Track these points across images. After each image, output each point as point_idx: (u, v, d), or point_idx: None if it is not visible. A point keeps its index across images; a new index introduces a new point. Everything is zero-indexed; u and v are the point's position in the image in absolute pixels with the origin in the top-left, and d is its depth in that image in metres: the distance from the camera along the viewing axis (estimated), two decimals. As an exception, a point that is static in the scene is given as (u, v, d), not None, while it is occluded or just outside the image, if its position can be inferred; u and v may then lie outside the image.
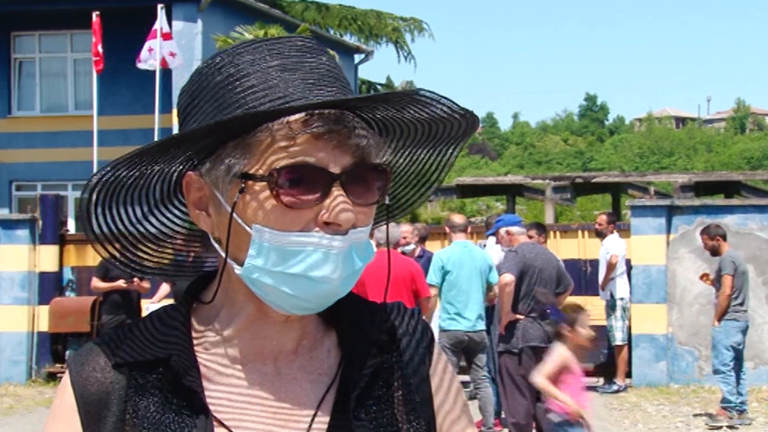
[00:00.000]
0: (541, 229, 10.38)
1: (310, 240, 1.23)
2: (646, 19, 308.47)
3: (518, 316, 8.94)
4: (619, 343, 12.96)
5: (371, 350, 1.35)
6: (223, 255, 1.29)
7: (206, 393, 1.30)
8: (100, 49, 18.04)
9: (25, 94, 23.30)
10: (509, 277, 8.85)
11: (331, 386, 1.33)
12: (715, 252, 10.80)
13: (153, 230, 1.41)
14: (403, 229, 10.67)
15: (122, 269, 1.42)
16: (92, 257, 13.99)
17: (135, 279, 12.15)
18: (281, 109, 1.23)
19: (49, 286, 14.38)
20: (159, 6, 18.07)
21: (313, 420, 1.31)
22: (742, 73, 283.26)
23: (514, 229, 9.56)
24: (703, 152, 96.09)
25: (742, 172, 34.99)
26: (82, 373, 1.34)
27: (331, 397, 1.32)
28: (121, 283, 12.02)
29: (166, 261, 1.45)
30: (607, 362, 13.37)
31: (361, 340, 1.35)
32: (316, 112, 1.23)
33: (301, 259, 1.24)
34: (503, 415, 9.93)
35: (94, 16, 18.15)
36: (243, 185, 1.25)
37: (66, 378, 1.35)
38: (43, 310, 14.22)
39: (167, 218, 1.42)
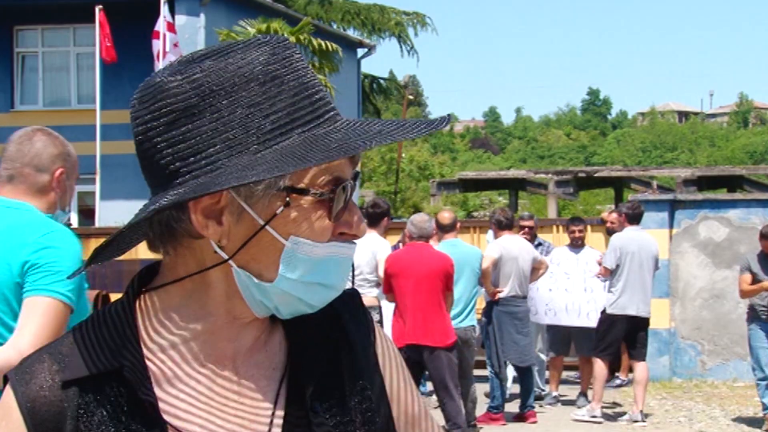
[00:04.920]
0: (503, 225, 10.53)
1: (338, 250, 1.28)
2: (649, 13, 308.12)
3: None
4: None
5: (318, 341, 1.35)
6: (232, 263, 1.26)
7: (163, 399, 1.27)
8: (108, 43, 17.95)
9: (27, 89, 23.30)
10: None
11: (283, 380, 1.33)
12: None
13: None
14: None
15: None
16: (95, 251, 13.98)
17: None
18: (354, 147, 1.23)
19: (52, 280, 14.37)
20: (162, 0, 18.06)
21: (273, 417, 1.30)
22: (745, 68, 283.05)
23: None
24: (706, 147, 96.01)
25: (744, 167, 34.95)
26: (29, 394, 1.26)
27: (284, 391, 1.32)
28: None
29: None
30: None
31: (306, 331, 1.35)
32: None
33: (328, 267, 1.27)
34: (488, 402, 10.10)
35: (98, 10, 18.12)
36: (288, 198, 1.24)
37: (9, 398, 1.27)
38: (46, 304, 14.22)
39: None
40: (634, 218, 10.42)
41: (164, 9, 17.98)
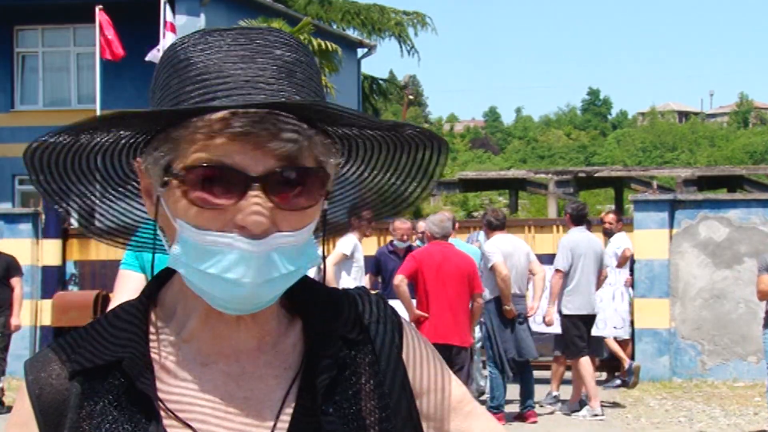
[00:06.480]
0: (493, 225, 10.62)
1: (224, 241, 1.21)
2: (650, 13, 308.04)
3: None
4: (626, 337, 12.97)
5: (336, 342, 1.33)
6: (166, 245, 1.29)
7: (167, 393, 1.28)
8: (110, 37, 17.85)
9: (28, 89, 23.32)
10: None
11: (296, 379, 1.31)
12: None
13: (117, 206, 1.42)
14: (399, 225, 10.95)
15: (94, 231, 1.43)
16: (95, 251, 13.98)
17: None
18: (186, 110, 1.21)
19: (52, 280, 14.38)
20: (162, 0, 18.04)
21: (278, 415, 1.29)
22: (745, 68, 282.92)
23: None
24: (706, 147, 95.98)
25: (744, 167, 34.97)
26: (38, 381, 1.32)
27: (295, 391, 1.30)
28: None
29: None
30: (610, 357, 13.38)
31: (324, 332, 1.33)
32: (240, 111, 1.19)
33: (218, 259, 1.21)
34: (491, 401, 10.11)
35: (98, 9, 18.10)
36: (166, 179, 1.24)
37: (23, 386, 1.35)
38: (46, 304, 14.22)
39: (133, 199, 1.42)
40: (579, 219, 10.77)
41: (165, 9, 17.95)
